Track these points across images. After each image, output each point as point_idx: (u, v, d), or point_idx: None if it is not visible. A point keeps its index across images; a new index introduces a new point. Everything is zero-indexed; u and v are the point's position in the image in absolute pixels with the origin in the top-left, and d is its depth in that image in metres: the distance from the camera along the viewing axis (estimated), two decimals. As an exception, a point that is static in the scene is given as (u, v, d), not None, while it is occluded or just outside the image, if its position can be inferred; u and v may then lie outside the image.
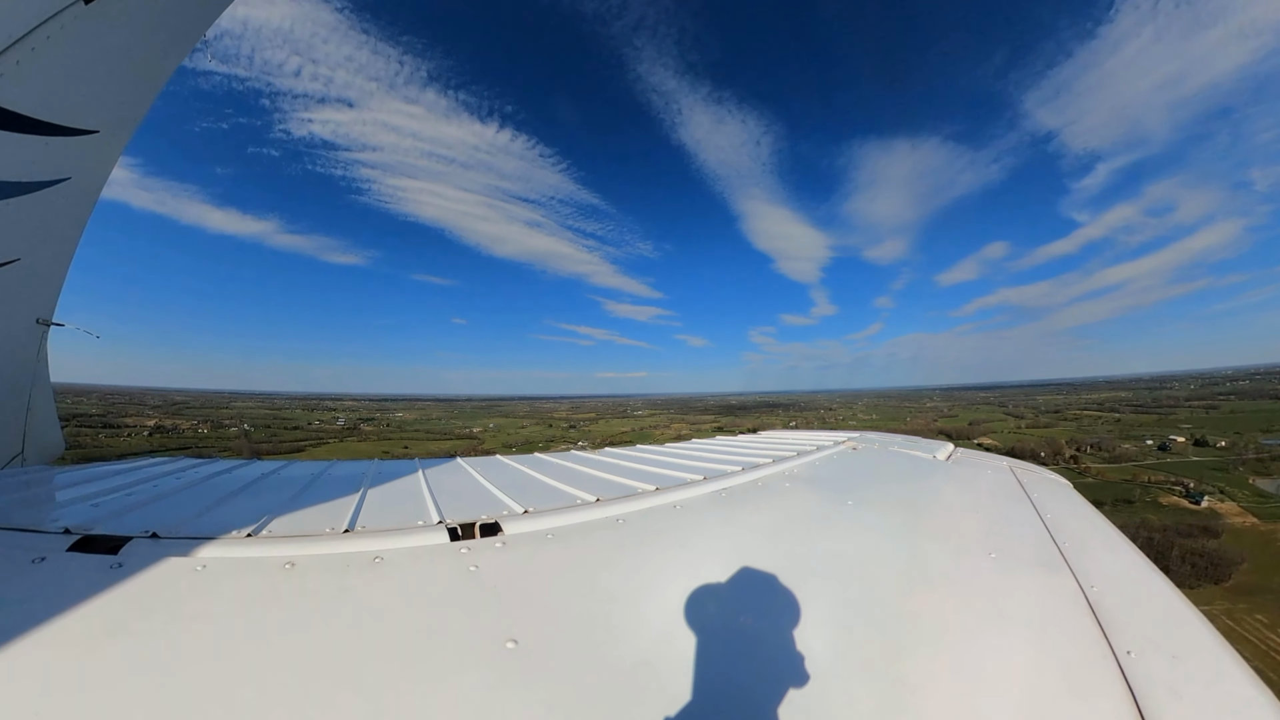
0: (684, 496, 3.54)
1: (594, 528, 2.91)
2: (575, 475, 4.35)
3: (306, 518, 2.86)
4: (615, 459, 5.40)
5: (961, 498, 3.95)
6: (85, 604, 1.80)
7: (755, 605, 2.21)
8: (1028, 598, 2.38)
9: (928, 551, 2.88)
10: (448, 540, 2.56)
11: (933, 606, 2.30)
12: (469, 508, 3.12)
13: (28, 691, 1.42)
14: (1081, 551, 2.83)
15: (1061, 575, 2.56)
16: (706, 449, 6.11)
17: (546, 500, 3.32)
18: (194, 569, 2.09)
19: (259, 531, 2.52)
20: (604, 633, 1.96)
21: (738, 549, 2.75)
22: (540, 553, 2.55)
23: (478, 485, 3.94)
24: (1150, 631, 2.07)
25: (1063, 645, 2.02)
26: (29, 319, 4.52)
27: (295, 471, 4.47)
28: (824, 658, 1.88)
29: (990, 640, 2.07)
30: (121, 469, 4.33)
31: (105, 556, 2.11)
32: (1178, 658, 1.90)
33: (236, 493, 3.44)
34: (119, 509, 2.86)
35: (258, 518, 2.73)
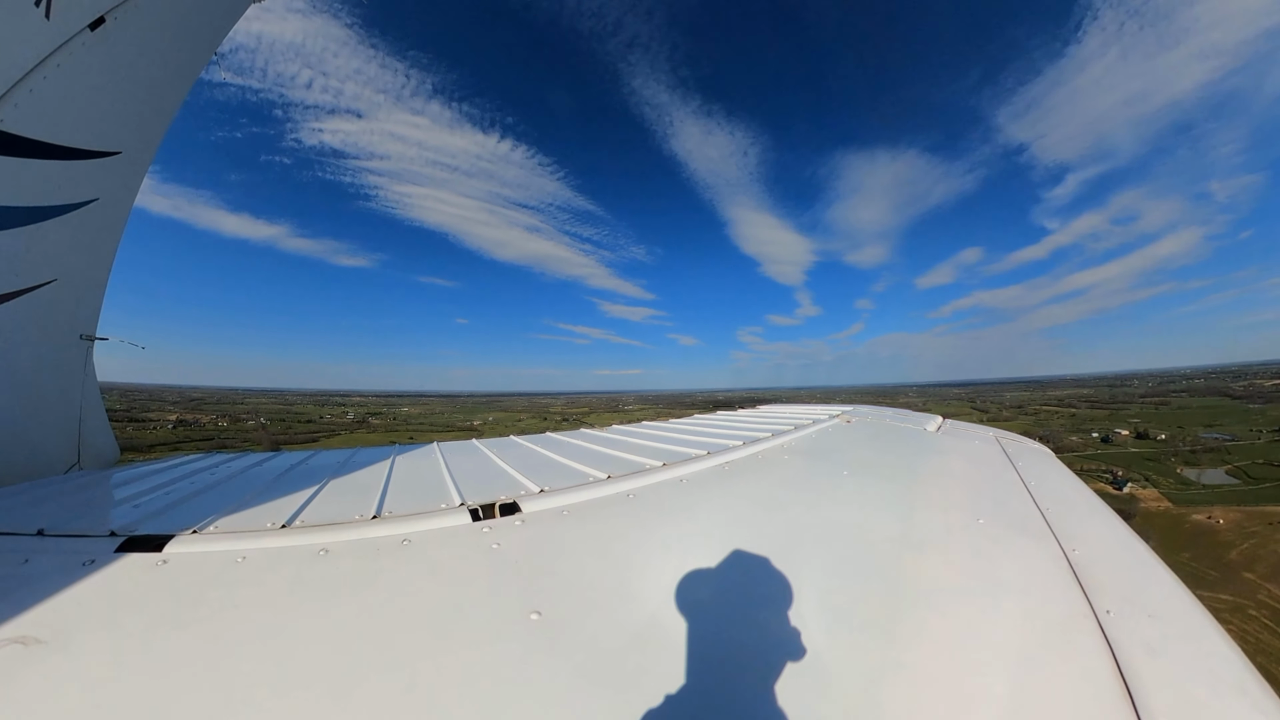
0: (689, 471, 3.53)
1: (606, 503, 2.92)
2: (587, 454, 4.33)
3: (335, 506, 2.84)
4: (624, 437, 5.38)
5: (951, 466, 3.91)
6: (135, 602, 1.79)
7: (757, 570, 2.21)
8: (1014, 561, 2.35)
9: (919, 518, 2.86)
10: (470, 521, 2.56)
11: (925, 569, 2.29)
12: (488, 489, 3.11)
13: (85, 689, 1.40)
14: (1064, 516, 2.80)
15: (1045, 539, 2.53)
16: (709, 424, 6.10)
17: (560, 479, 3.31)
18: (234, 561, 2.08)
19: (292, 522, 2.50)
20: (619, 600, 1.97)
21: (740, 519, 2.76)
22: (557, 529, 2.55)
23: (495, 467, 3.93)
24: (1128, 592, 2.05)
25: (1047, 605, 1.99)
26: (72, 335, 4.50)
27: (321, 461, 4.44)
28: (821, 618, 1.89)
29: (979, 601, 2.04)
30: (160, 468, 4.30)
31: (150, 555, 2.10)
32: (1154, 616, 1.87)
33: (268, 485, 3.41)
34: (160, 508, 2.84)
35: (290, 508, 2.73)
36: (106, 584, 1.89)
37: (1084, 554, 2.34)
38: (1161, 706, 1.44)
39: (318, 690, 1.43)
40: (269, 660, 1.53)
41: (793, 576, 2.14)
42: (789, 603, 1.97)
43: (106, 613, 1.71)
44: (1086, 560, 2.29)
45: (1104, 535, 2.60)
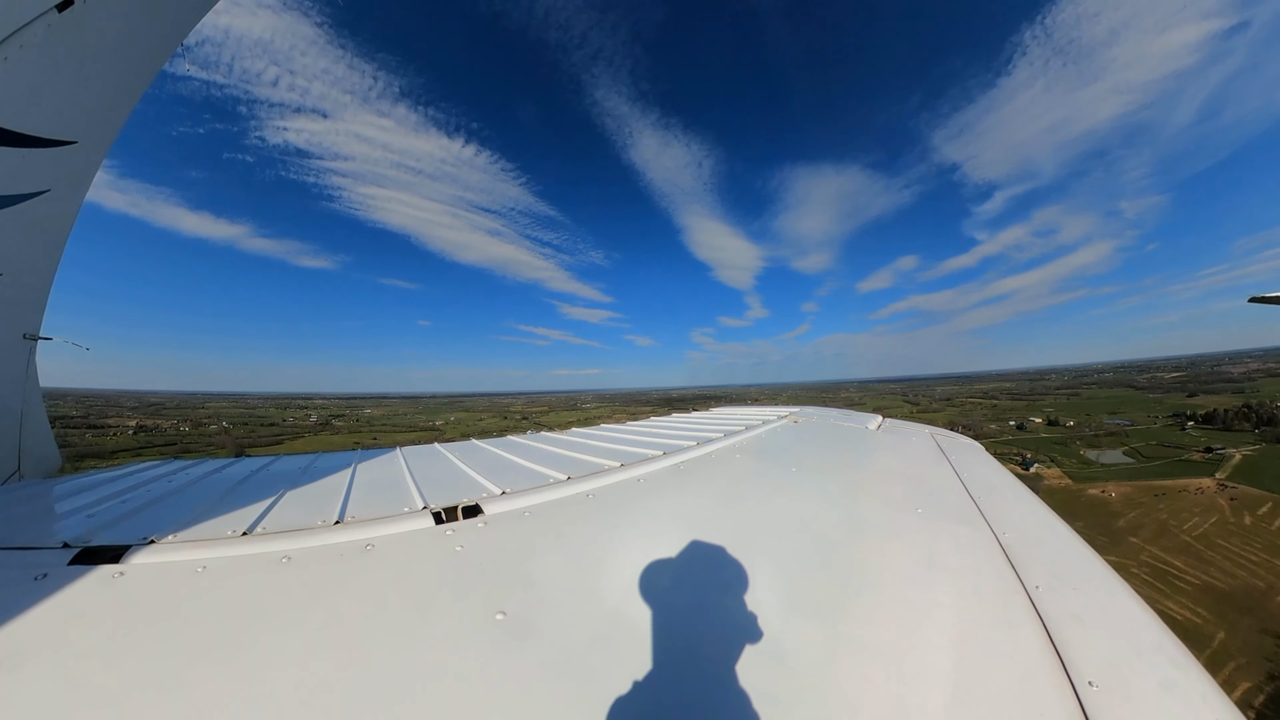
0: (646, 471, 3.53)
1: (566, 504, 2.89)
2: (547, 456, 4.27)
3: (297, 512, 2.72)
4: (583, 439, 5.33)
5: (890, 462, 4.04)
6: (90, 616, 1.67)
7: (713, 563, 2.24)
8: (951, 545, 2.46)
9: (863, 509, 2.96)
10: (433, 524, 2.50)
11: (870, 557, 2.37)
12: (450, 491, 3.04)
13: (40, 712, 1.30)
14: (994, 504, 2.94)
15: (978, 526, 2.65)
16: (665, 426, 6.09)
17: (522, 481, 3.26)
18: (194, 571, 1.97)
19: (254, 529, 2.39)
20: (582, 597, 1.96)
21: (695, 516, 2.77)
22: (519, 530, 2.51)
23: (457, 470, 3.83)
24: (1054, 568, 2.19)
25: (982, 584, 2.10)
26: (15, 335, 4.11)
27: (283, 466, 4.21)
28: (776, 604, 1.94)
29: (922, 583, 2.14)
30: (113, 476, 4.01)
31: (107, 567, 1.97)
32: (1077, 589, 2.02)
33: (228, 492, 3.22)
34: (115, 517, 2.64)
35: (251, 515, 2.60)
36: (61, 598, 1.76)
37: (1013, 537, 2.48)
38: (1089, 667, 1.55)
39: (285, 702, 1.38)
40: (233, 673, 1.46)
41: (747, 567, 2.18)
42: (744, 591, 2.01)
43: (61, 628, 1.59)
44: (1016, 543, 2.42)
45: (1030, 520, 2.75)
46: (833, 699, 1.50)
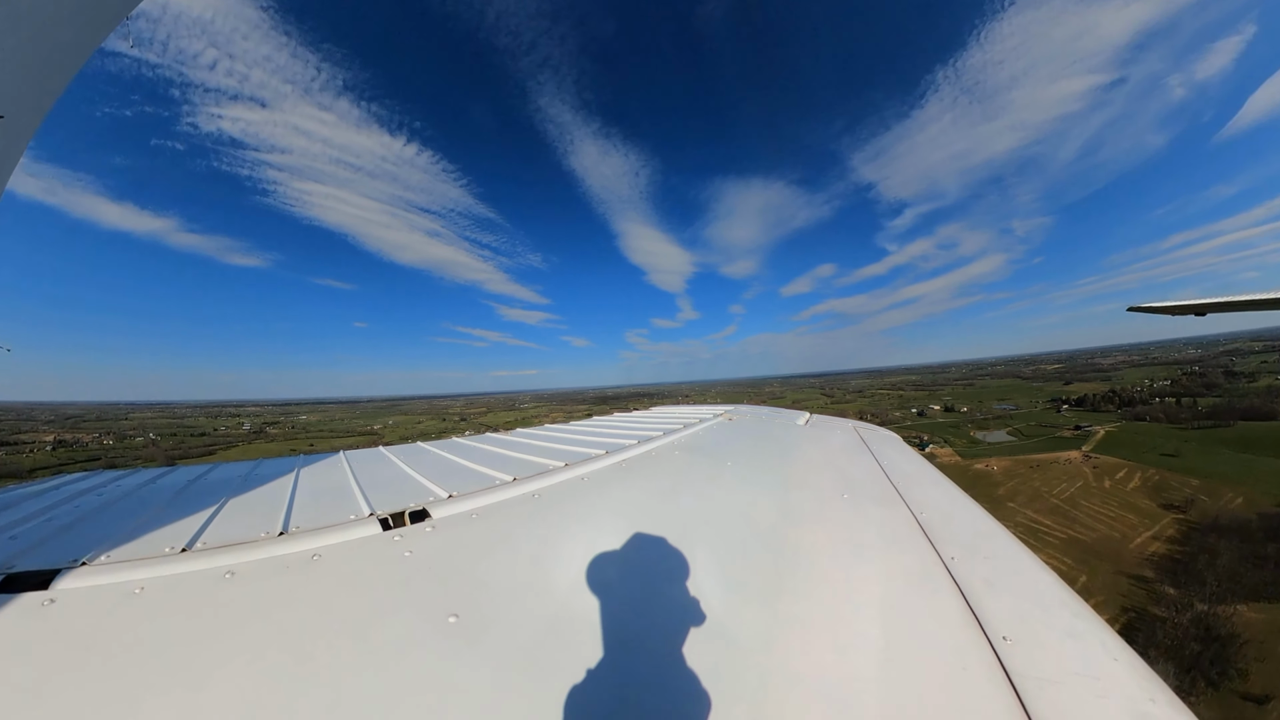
0: (589, 470, 3.51)
1: (513, 505, 2.82)
2: (492, 457, 4.18)
3: (240, 523, 2.51)
4: (527, 439, 5.23)
5: (818, 453, 4.19)
6: (18, 649, 1.47)
7: (656, 554, 2.27)
8: (875, 526, 2.61)
9: (795, 498, 3.08)
10: (380, 531, 2.39)
11: (803, 540, 2.48)
12: (397, 497, 2.92)
13: None
14: (911, 487, 3.13)
15: (898, 507, 2.82)
16: (607, 425, 6.06)
17: (468, 483, 3.16)
18: (132, 593, 1.78)
19: (194, 544, 2.17)
20: (533, 595, 1.94)
21: (639, 511, 2.78)
22: (467, 533, 2.44)
23: (403, 474, 3.68)
24: (967, 541, 2.36)
25: (904, 558, 2.25)
26: None
27: (222, 475, 3.94)
28: (718, 588, 2.01)
29: (850, 561, 2.26)
30: (37, 491, 3.59)
31: (33, 594, 1.74)
32: (988, 559, 2.18)
33: (165, 505, 2.94)
34: (42, 537, 2.35)
35: (191, 529, 2.38)
36: None
37: (930, 516, 2.66)
38: (1003, 624, 1.70)
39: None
40: (178, 701, 1.35)
41: (689, 556, 2.23)
42: (688, 579, 2.06)
43: None
44: (932, 520, 2.60)
45: (944, 500, 2.95)
46: (776, 670, 1.56)
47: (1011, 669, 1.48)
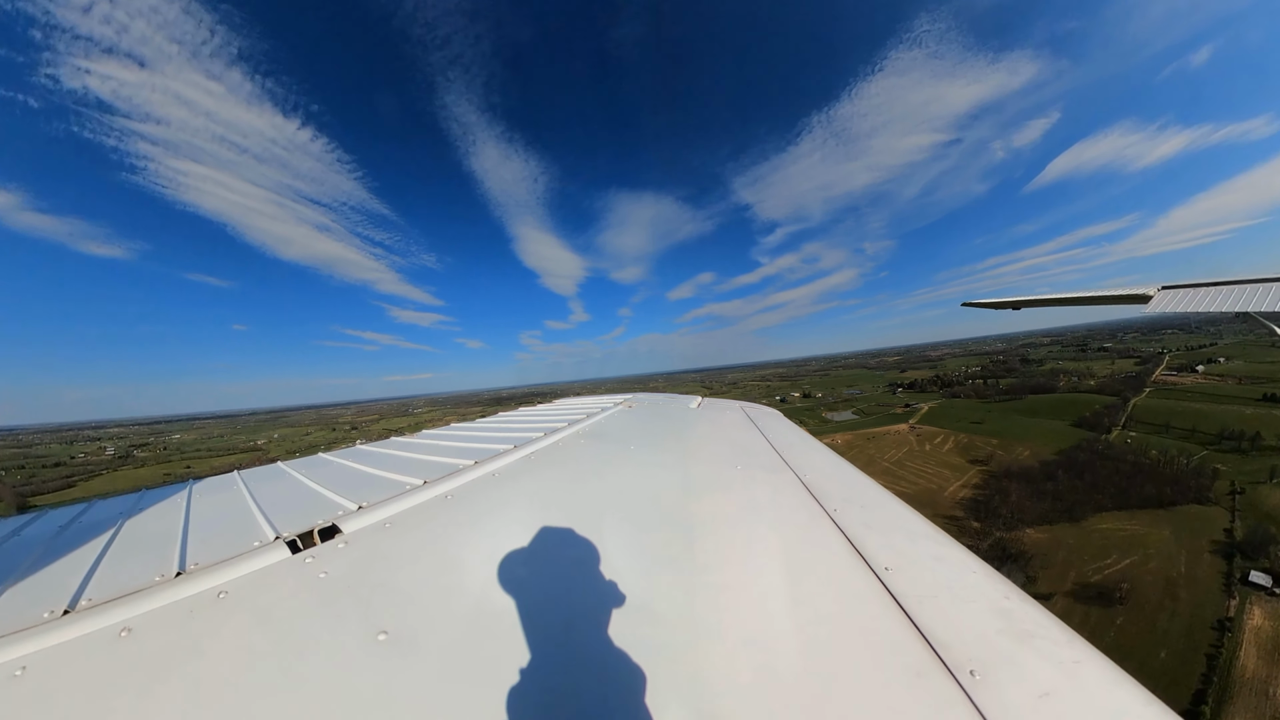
0: (499, 465, 3.42)
1: (426, 509, 2.67)
2: (399, 462, 3.94)
3: (129, 569, 2.09)
4: (434, 440, 4.96)
5: (711, 431, 4.40)
6: None
7: (572, 540, 2.26)
8: (767, 490, 2.80)
9: (694, 472, 3.21)
10: (289, 554, 2.14)
11: (706, 509, 2.58)
12: (302, 514, 2.63)
13: None
14: (794, 455, 3.39)
15: (785, 472, 3.05)
16: (512, 420, 5.91)
17: (377, 491, 2.94)
18: (11, 677, 1.40)
19: (77, 603, 1.78)
20: (457, 599, 1.84)
21: (551, 500, 2.76)
22: (383, 544, 2.27)
23: (305, 489, 3.33)
24: (846, 495, 2.61)
25: (794, 515, 2.44)
26: None
27: (99, 515, 3.26)
28: (635, 567, 2.02)
29: (748, 522, 2.41)
30: None
31: None
32: (864, 508, 2.44)
33: (35, 560, 2.36)
34: None
35: (71, 585, 1.94)
36: None
37: (813, 477, 2.90)
38: (883, 558, 1.92)
39: None
40: None
41: (605, 538, 2.24)
42: (606, 560, 2.07)
43: None
44: (815, 481, 2.84)
45: (823, 463, 3.23)
46: (701, 630, 1.61)
47: (895, 591, 1.68)
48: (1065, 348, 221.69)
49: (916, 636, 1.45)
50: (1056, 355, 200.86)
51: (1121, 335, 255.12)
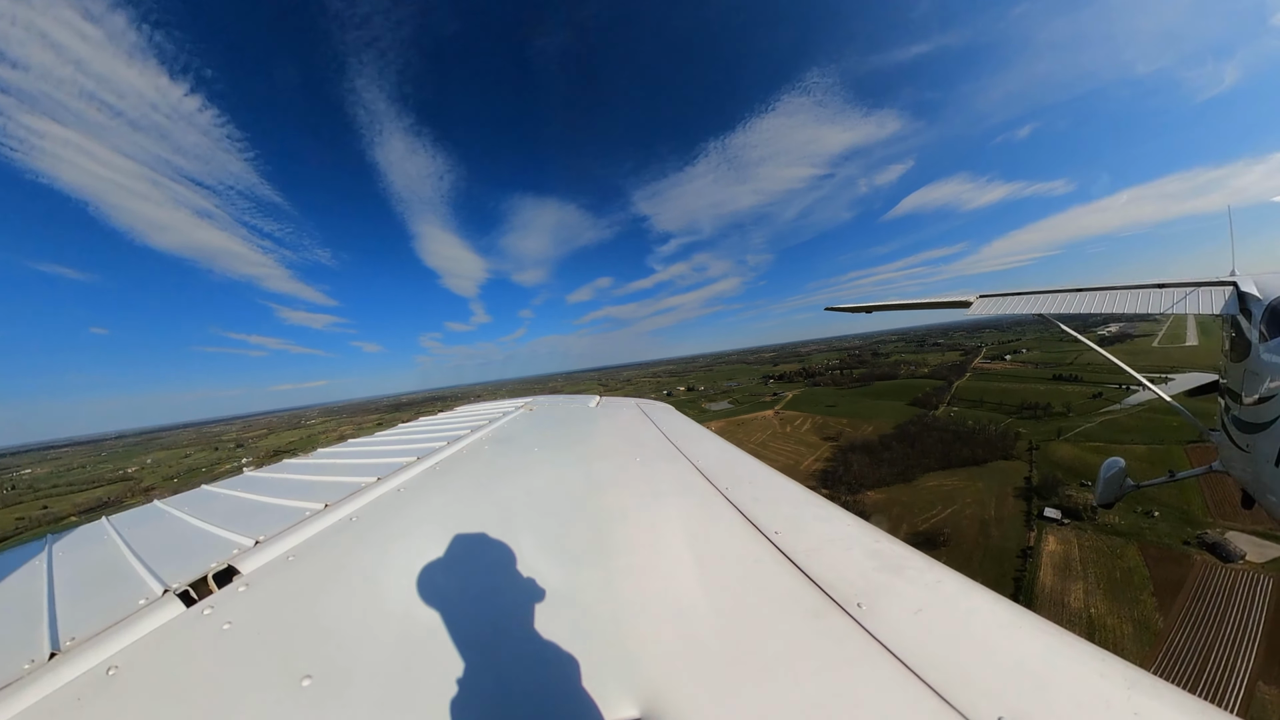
0: (404, 479, 3.25)
1: (330, 535, 2.44)
2: (295, 486, 3.58)
3: None
4: (332, 459, 4.56)
5: (611, 427, 4.50)
6: None
7: (488, 547, 2.20)
8: (666, 477, 2.92)
9: (597, 466, 3.28)
10: (184, 608, 1.83)
11: (613, 501, 2.64)
12: (191, 559, 2.27)
13: None
14: (687, 444, 3.55)
15: (680, 460, 3.19)
16: (414, 431, 5.59)
17: (273, 522, 2.63)
18: None
19: None
20: (380, 626, 1.69)
21: (462, 509, 2.66)
22: (290, 580, 2.02)
23: (190, 529, 2.87)
24: (735, 475, 2.79)
25: (693, 496, 2.56)
26: None
27: None
28: (552, 563, 2.01)
29: (653, 508, 2.49)
30: None
31: None
32: (752, 484, 2.63)
33: None
34: None
35: None
36: None
37: (705, 463, 3.06)
38: (773, 524, 2.08)
39: None
40: None
41: (521, 540, 2.19)
42: (523, 559, 2.04)
43: None
44: (708, 465, 3.00)
45: (713, 450, 3.41)
46: (623, 610, 1.65)
47: (787, 550, 1.85)
48: (908, 343, 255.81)
49: (809, 584, 1.62)
50: (901, 350, 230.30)
51: (951, 333, 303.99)
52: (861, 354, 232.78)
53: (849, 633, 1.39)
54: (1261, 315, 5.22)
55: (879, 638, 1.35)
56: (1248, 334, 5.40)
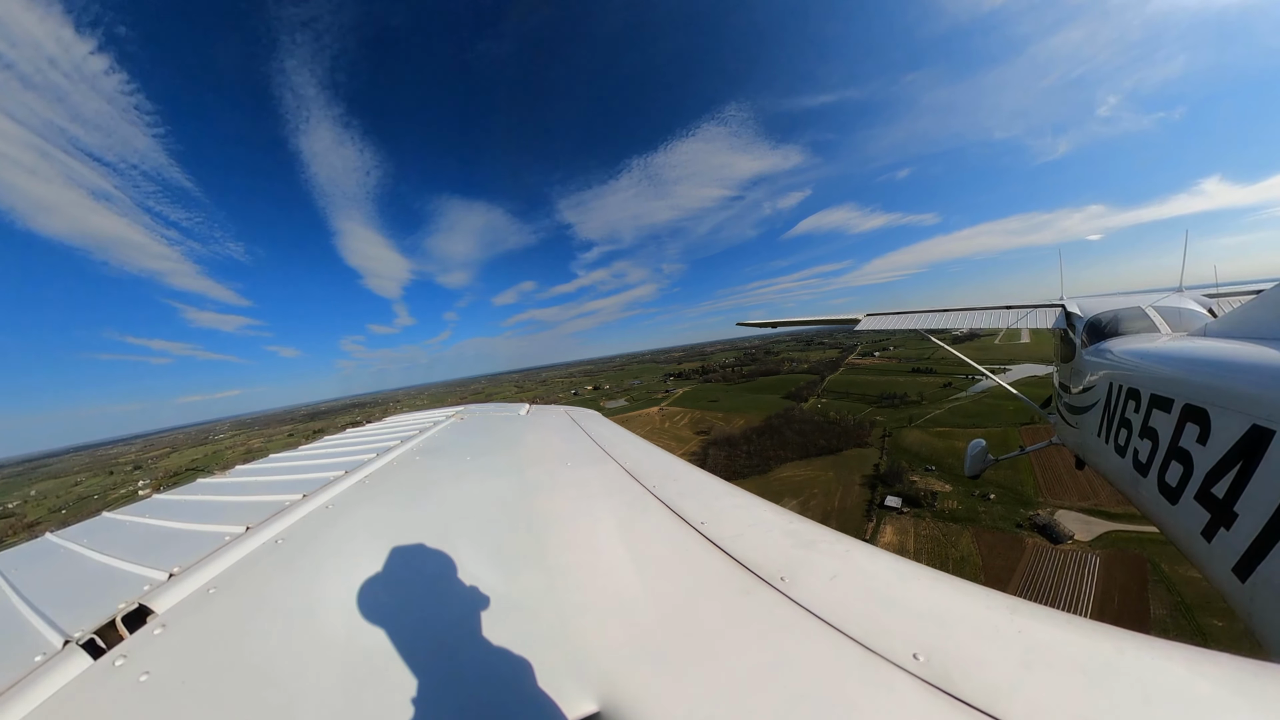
0: (332, 495, 2.92)
1: (255, 560, 2.09)
2: (212, 508, 3.12)
3: None
4: (253, 476, 4.01)
5: (540, 435, 4.38)
6: None
7: (426, 560, 2.04)
8: (597, 480, 2.89)
9: (529, 472, 3.19)
10: (91, 661, 1.47)
11: (547, 505, 2.57)
12: (94, 600, 1.84)
13: None
14: (615, 447, 3.55)
15: (608, 463, 3.18)
16: (341, 443, 5.08)
17: (189, 551, 2.20)
18: None
19: None
20: (320, 656, 1.48)
21: (395, 523, 2.43)
22: (211, 616, 1.70)
23: (92, 565, 2.37)
24: (661, 473, 2.83)
25: (624, 495, 2.56)
26: None
27: None
28: (494, 570, 1.90)
29: (585, 509, 2.48)
30: None
31: None
32: (676, 480, 2.68)
33: None
34: None
35: None
36: None
37: (633, 464, 3.06)
38: (699, 516, 2.14)
39: None
40: None
41: (459, 549, 2.06)
42: (464, 569, 1.92)
43: None
44: (635, 466, 3.01)
45: (639, 452, 3.43)
46: (569, 610, 1.62)
47: (713, 538, 1.93)
48: (798, 343, 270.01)
49: (736, 566, 1.71)
50: (790, 348, 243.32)
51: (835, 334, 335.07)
52: (756, 353, 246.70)
53: (776, 604, 1.49)
54: (1083, 329, 6.42)
55: (803, 604, 1.46)
56: (1074, 342, 6.58)
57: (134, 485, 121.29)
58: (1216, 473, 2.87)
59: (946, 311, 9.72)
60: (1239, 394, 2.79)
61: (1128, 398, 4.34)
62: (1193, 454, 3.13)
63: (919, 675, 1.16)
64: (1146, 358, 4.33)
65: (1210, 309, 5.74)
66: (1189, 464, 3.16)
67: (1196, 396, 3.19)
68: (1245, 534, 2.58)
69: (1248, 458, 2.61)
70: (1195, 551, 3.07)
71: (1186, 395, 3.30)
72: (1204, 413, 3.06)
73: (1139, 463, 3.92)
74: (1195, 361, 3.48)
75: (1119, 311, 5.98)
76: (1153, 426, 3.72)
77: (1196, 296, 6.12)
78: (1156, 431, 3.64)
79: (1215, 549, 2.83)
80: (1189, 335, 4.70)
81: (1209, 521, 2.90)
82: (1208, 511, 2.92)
